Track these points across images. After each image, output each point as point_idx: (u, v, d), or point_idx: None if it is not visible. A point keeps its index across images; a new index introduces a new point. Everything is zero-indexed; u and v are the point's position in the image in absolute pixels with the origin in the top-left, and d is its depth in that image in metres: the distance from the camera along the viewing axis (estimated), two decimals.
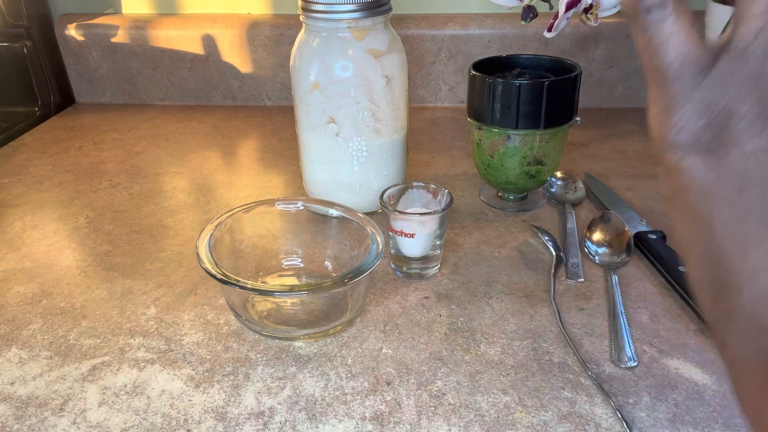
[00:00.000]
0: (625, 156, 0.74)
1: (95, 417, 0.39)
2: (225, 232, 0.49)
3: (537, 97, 0.55)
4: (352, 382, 0.41)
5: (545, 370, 0.42)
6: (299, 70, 0.56)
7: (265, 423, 0.38)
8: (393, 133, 0.58)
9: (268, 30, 0.90)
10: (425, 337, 0.45)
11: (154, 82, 0.96)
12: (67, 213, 0.65)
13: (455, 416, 0.38)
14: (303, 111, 0.57)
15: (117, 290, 0.52)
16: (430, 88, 0.92)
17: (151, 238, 0.59)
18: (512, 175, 0.60)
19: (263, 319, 0.47)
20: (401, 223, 0.50)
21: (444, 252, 0.55)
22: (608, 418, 0.38)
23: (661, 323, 0.46)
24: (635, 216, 0.58)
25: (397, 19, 0.87)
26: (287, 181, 0.71)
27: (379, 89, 0.55)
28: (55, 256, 0.57)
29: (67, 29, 0.94)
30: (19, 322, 0.48)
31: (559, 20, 0.56)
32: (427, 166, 0.73)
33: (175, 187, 0.70)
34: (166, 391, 0.41)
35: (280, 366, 0.43)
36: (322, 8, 0.52)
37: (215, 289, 0.51)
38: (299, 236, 0.53)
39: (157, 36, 0.92)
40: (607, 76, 0.88)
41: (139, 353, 0.45)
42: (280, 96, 0.95)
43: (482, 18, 0.87)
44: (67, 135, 0.86)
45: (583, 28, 0.85)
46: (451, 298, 0.49)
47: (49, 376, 0.43)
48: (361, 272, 0.43)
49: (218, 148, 0.81)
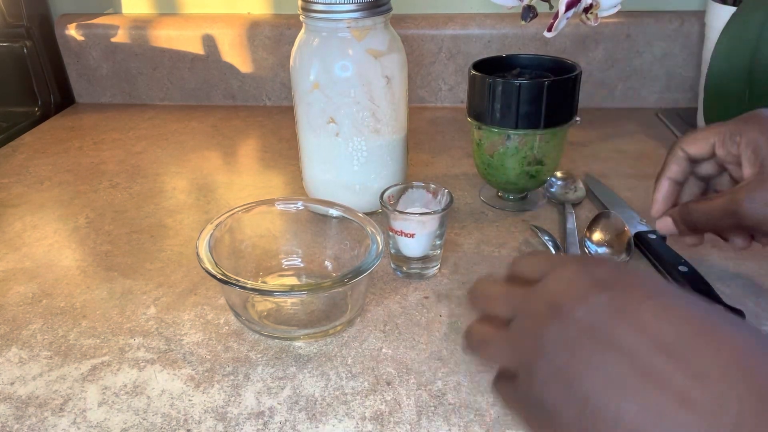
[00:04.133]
0: (625, 156, 0.74)
1: (95, 417, 0.39)
2: (225, 232, 0.49)
3: (537, 97, 0.55)
4: (352, 382, 0.41)
5: None
6: (299, 70, 0.56)
7: (265, 423, 0.38)
8: (393, 133, 0.58)
9: (268, 30, 0.90)
10: (425, 337, 0.45)
11: (154, 82, 0.96)
12: (67, 213, 0.65)
13: (455, 416, 0.38)
14: (303, 111, 0.57)
15: (117, 290, 0.52)
16: (430, 88, 0.92)
17: (151, 238, 0.59)
18: (512, 175, 0.60)
19: (263, 319, 0.47)
20: (401, 223, 0.50)
21: (444, 252, 0.55)
22: None
23: None
24: (635, 216, 0.58)
25: (397, 19, 0.87)
26: (287, 181, 0.71)
27: (379, 89, 0.55)
28: (55, 256, 0.57)
29: (67, 29, 0.94)
30: (19, 322, 0.48)
31: (559, 20, 0.56)
32: (427, 166, 0.73)
33: (175, 187, 0.70)
34: (166, 391, 0.41)
35: (280, 366, 0.43)
36: (322, 8, 0.52)
37: (215, 289, 0.51)
38: (299, 236, 0.53)
39: (157, 36, 0.92)
40: (607, 76, 0.88)
41: (139, 353, 0.45)
42: (280, 96, 0.95)
43: (482, 18, 0.87)
44: (67, 135, 0.86)
45: (583, 28, 0.85)
46: (451, 298, 0.49)
47: (49, 376, 0.43)
48: (361, 272, 0.43)
49: (218, 148, 0.81)
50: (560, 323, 0.25)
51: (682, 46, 0.85)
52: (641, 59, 0.87)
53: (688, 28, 0.84)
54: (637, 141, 0.78)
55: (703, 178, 0.47)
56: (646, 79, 0.88)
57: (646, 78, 0.88)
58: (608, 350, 0.23)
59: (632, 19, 0.85)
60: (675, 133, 0.80)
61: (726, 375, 0.21)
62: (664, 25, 0.85)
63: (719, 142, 0.43)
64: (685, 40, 0.85)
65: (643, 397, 0.22)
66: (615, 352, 0.23)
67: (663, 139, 0.79)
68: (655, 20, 0.85)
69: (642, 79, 0.88)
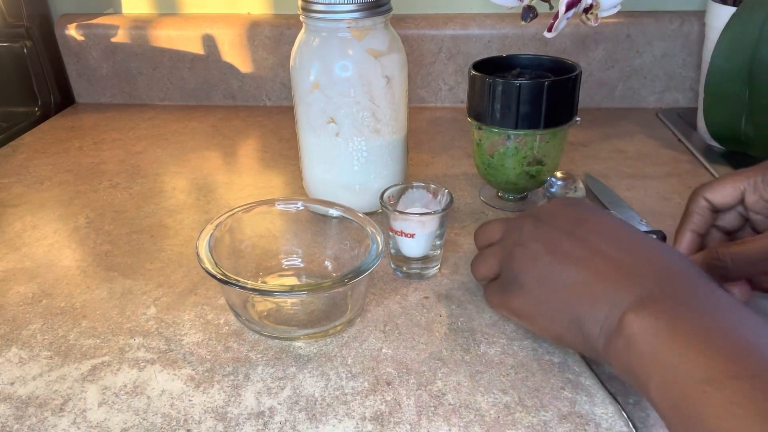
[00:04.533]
0: (625, 156, 0.74)
1: (95, 417, 0.39)
2: (225, 232, 0.49)
3: (537, 97, 0.55)
4: (352, 382, 0.41)
5: (545, 370, 0.42)
6: (299, 70, 0.56)
7: (265, 423, 0.38)
8: (393, 133, 0.58)
9: (268, 30, 0.90)
10: (425, 337, 0.45)
11: (154, 82, 0.96)
12: (67, 213, 0.65)
13: (455, 416, 0.38)
14: (303, 111, 0.57)
15: (117, 290, 0.52)
16: (430, 88, 0.92)
17: (151, 238, 0.59)
18: (512, 175, 0.60)
19: (263, 319, 0.47)
20: (401, 223, 0.50)
21: (444, 252, 0.55)
22: (608, 417, 0.38)
23: None
24: (635, 216, 0.58)
25: (397, 19, 0.87)
26: (287, 181, 0.71)
27: (379, 89, 0.55)
28: (55, 256, 0.57)
29: (67, 29, 0.94)
30: (19, 322, 0.48)
31: (559, 20, 0.56)
32: (427, 166, 0.73)
33: (175, 187, 0.70)
34: (166, 391, 0.41)
35: (280, 366, 0.43)
36: (322, 8, 0.52)
37: (215, 289, 0.51)
38: (299, 236, 0.53)
39: (157, 36, 0.92)
40: (607, 76, 0.88)
41: (139, 353, 0.45)
42: (280, 96, 0.95)
43: (482, 18, 0.87)
44: (67, 135, 0.86)
45: (583, 28, 0.85)
46: (451, 298, 0.50)
47: (49, 376, 0.43)
48: (361, 272, 0.43)
49: (218, 148, 0.81)
50: (533, 224, 0.37)
51: (682, 46, 0.85)
52: (641, 59, 0.87)
53: (688, 28, 0.84)
54: (637, 141, 0.78)
55: (724, 230, 0.44)
56: (646, 79, 0.88)
57: (646, 78, 0.88)
58: (562, 239, 0.35)
59: (632, 19, 0.85)
60: (675, 133, 0.80)
61: (639, 262, 0.31)
62: (664, 25, 0.85)
63: (750, 188, 0.41)
64: (685, 40, 0.85)
65: (581, 269, 0.32)
66: (567, 239, 0.34)
67: (663, 139, 0.79)
68: (655, 20, 0.85)
69: (642, 79, 0.88)
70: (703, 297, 0.29)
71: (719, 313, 0.28)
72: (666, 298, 0.29)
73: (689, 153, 0.74)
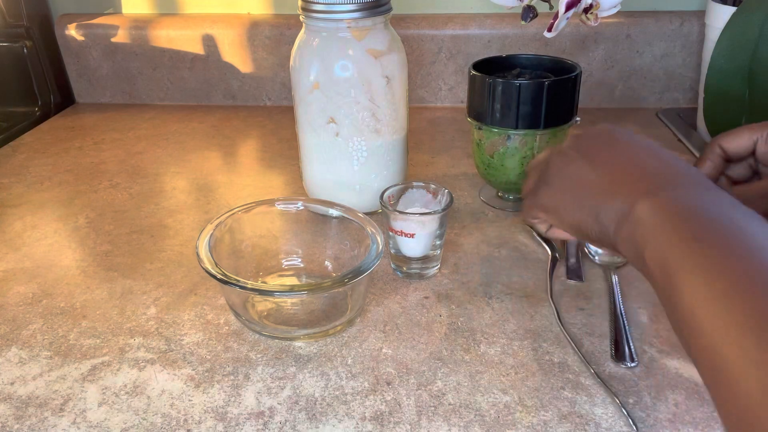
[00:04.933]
0: None
1: (95, 417, 0.39)
2: (225, 232, 0.49)
3: (537, 97, 0.55)
4: (352, 382, 0.41)
5: (545, 370, 0.42)
6: (299, 70, 0.56)
7: (265, 423, 0.38)
8: (393, 133, 0.58)
9: (268, 30, 0.90)
10: (425, 337, 0.45)
11: (154, 82, 0.96)
12: (67, 213, 0.65)
13: (455, 416, 0.38)
14: (303, 111, 0.57)
15: (117, 290, 0.52)
16: (430, 88, 0.92)
17: (151, 238, 0.59)
18: (512, 175, 0.60)
19: (263, 319, 0.47)
20: (401, 223, 0.50)
21: (444, 252, 0.55)
22: (608, 417, 0.38)
23: (661, 323, 0.46)
24: None
25: (397, 19, 0.87)
26: (287, 181, 0.71)
27: (379, 89, 0.55)
28: (55, 256, 0.57)
29: (67, 29, 0.94)
30: (19, 322, 0.48)
31: (559, 20, 0.56)
32: (427, 166, 0.73)
33: (175, 187, 0.70)
34: (166, 391, 0.41)
35: (280, 366, 0.43)
36: (322, 8, 0.52)
37: (215, 289, 0.51)
38: (299, 236, 0.53)
39: (157, 36, 0.92)
40: (607, 76, 0.88)
41: (139, 353, 0.45)
42: (280, 96, 0.95)
43: (482, 18, 0.87)
44: (67, 135, 0.86)
45: (583, 28, 0.85)
46: (451, 298, 0.49)
47: (49, 376, 0.43)
48: (361, 272, 0.43)
49: (218, 148, 0.81)
50: (574, 137, 0.41)
51: (682, 46, 0.85)
52: (641, 59, 0.87)
53: (688, 28, 0.84)
54: None
55: (732, 180, 0.46)
56: (646, 79, 0.88)
57: (646, 78, 0.88)
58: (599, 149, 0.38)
59: (632, 19, 0.85)
60: (675, 133, 0.80)
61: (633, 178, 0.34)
62: (664, 25, 0.85)
63: (763, 139, 0.42)
64: (685, 40, 0.85)
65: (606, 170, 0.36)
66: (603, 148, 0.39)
67: (663, 139, 0.79)
68: (655, 20, 0.85)
69: (642, 79, 0.88)
70: (706, 190, 0.32)
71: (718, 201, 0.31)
72: (676, 187, 0.32)
73: (689, 153, 0.74)
